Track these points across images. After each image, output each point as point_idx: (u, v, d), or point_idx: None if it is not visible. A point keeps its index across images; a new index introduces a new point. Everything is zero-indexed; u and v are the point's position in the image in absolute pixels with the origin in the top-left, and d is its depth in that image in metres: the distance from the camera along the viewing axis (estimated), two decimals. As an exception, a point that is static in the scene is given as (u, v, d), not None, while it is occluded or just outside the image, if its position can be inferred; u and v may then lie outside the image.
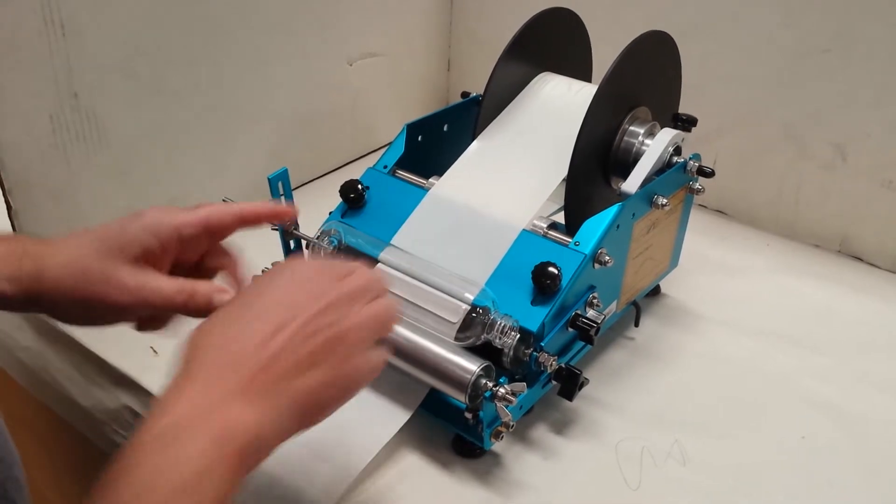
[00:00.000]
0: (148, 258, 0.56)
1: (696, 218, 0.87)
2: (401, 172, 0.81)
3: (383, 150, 0.83)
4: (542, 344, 0.66)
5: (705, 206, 1.11)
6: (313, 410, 0.49)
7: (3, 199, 0.80)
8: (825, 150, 0.98)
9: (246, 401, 0.45)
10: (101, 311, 0.55)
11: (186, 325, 0.71)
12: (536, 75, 0.84)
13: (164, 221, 0.56)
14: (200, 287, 0.56)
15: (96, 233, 0.56)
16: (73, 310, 0.55)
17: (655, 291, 0.91)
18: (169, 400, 0.44)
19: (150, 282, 0.55)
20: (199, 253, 0.60)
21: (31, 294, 0.54)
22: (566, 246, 0.69)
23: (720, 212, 1.11)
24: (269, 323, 0.48)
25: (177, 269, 0.58)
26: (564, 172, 0.74)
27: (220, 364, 0.46)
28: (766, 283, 0.96)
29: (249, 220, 0.60)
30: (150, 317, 0.59)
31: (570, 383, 0.67)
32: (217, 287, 0.56)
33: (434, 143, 0.85)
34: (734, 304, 0.91)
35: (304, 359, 0.47)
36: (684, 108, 0.85)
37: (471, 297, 0.66)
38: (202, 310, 0.55)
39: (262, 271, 0.65)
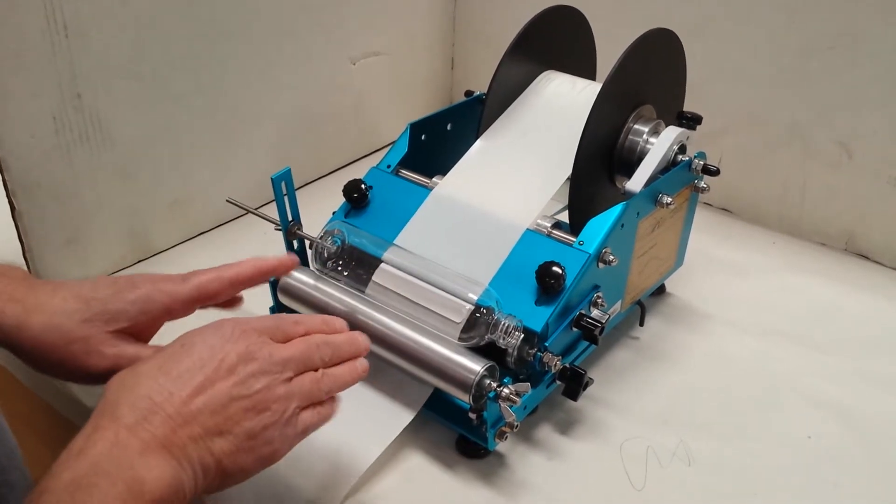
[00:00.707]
0: (133, 330, 0.57)
1: (700, 216, 0.87)
2: (404, 172, 0.80)
3: (386, 150, 0.83)
4: (547, 344, 0.66)
5: (710, 205, 1.11)
6: (230, 472, 0.48)
7: (6, 200, 0.80)
8: (831, 147, 0.98)
9: (163, 453, 0.45)
10: (76, 373, 0.56)
11: (184, 327, 0.71)
12: (540, 73, 0.84)
13: (154, 298, 0.57)
14: None
15: (84, 296, 0.56)
16: (48, 365, 0.56)
17: (660, 290, 0.90)
18: (86, 442, 0.44)
19: (128, 351, 0.56)
20: (190, 313, 0.60)
21: (9, 340, 0.55)
22: (570, 245, 0.69)
23: (725, 210, 1.11)
24: (194, 381, 0.48)
25: None
26: (568, 171, 0.74)
27: (143, 412, 0.46)
28: (772, 281, 0.96)
29: (243, 285, 0.60)
30: None
31: (575, 383, 0.67)
32: None
33: (437, 142, 0.85)
34: (739, 303, 0.90)
35: (223, 422, 0.47)
36: (689, 106, 0.85)
37: (474, 297, 0.66)
38: None
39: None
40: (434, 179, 0.78)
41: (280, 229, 0.75)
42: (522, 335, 0.64)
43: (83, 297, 0.56)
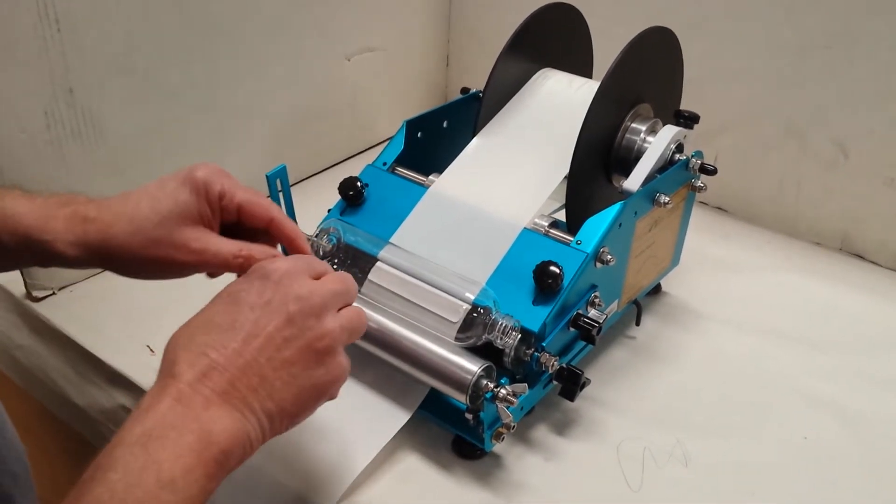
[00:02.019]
0: (202, 219, 0.58)
1: (696, 215, 0.86)
2: (400, 169, 0.80)
3: (382, 147, 0.82)
4: (544, 344, 0.65)
5: (706, 204, 1.11)
6: (288, 415, 0.49)
7: (-3, 196, 0.79)
8: (827, 147, 0.98)
9: (225, 405, 0.46)
10: (165, 270, 0.58)
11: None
12: (537, 71, 0.84)
13: (212, 191, 0.58)
14: (256, 252, 0.57)
15: (154, 195, 0.57)
16: (139, 269, 0.58)
17: (656, 290, 0.90)
18: (153, 400, 0.45)
19: (211, 245, 0.57)
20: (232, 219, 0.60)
21: (98, 257, 0.56)
22: (568, 245, 0.69)
23: (721, 209, 1.10)
24: (244, 331, 0.48)
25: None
26: (566, 170, 0.73)
27: (201, 368, 0.47)
28: (768, 281, 0.95)
29: (274, 232, 0.60)
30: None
31: (572, 384, 0.66)
32: (271, 252, 0.58)
33: (433, 139, 0.84)
34: (735, 303, 0.90)
35: (280, 366, 0.48)
36: (685, 104, 0.85)
37: (471, 297, 0.65)
38: None
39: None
40: (430, 177, 0.78)
41: (275, 227, 0.74)
42: (519, 335, 0.64)
43: (154, 196, 0.57)
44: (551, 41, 0.83)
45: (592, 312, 0.69)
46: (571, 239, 0.69)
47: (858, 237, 1.00)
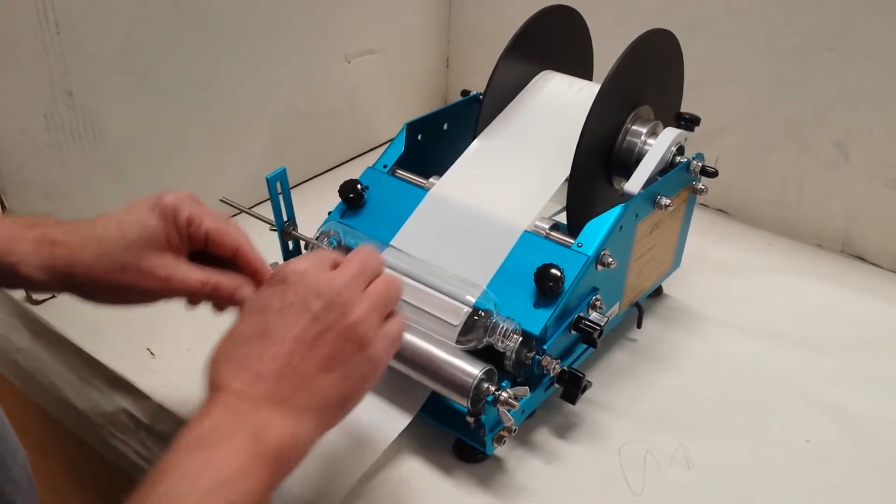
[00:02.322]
0: (170, 246, 0.57)
1: (697, 217, 0.86)
2: (401, 172, 0.80)
3: (382, 148, 0.82)
4: (545, 347, 0.65)
5: (706, 206, 1.10)
6: (336, 407, 0.51)
7: (-3, 198, 0.79)
8: (828, 148, 0.98)
9: (272, 409, 0.47)
10: (131, 296, 0.57)
11: (183, 330, 0.71)
12: (537, 73, 0.83)
13: (180, 217, 0.57)
14: (224, 281, 0.57)
15: (123, 220, 0.57)
16: (104, 294, 0.57)
17: (657, 292, 0.90)
18: (202, 412, 0.47)
19: (177, 273, 0.56)
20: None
21: (64, 281, 0.56)
22: (569, 247, 0.68)
23: (721, 211, 1.10)
24: (275, 337, 0.49)
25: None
26: (566, 172, 0.73)
27: (244, 379, 0.48)
28: (769, 283, 0.95)
29: (239, 262, 0.60)
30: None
31: (573, 387, 0.66)
32: (239, 282, 0.58)
33: (434, 142, 0.84)
34: (736, 305, 0.90)
35: (316, 364, 0.49)
36: (686, 106, 0.84)
37: (472, 300, 0.65)
38: (225, 302, 0.58)
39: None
40: (431, 180, 0.78)
41: (275, 230, 0.74)
42: (521, 338, 0.64)
43: (122, 221, 0.57)
44: (551, 43, 0.83)
45: (594, 315, 0.69)
46: (572, 241, 0.69)
47: (860, 239, 1.00)
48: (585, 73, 0.88)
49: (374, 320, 0.52)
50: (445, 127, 0.86)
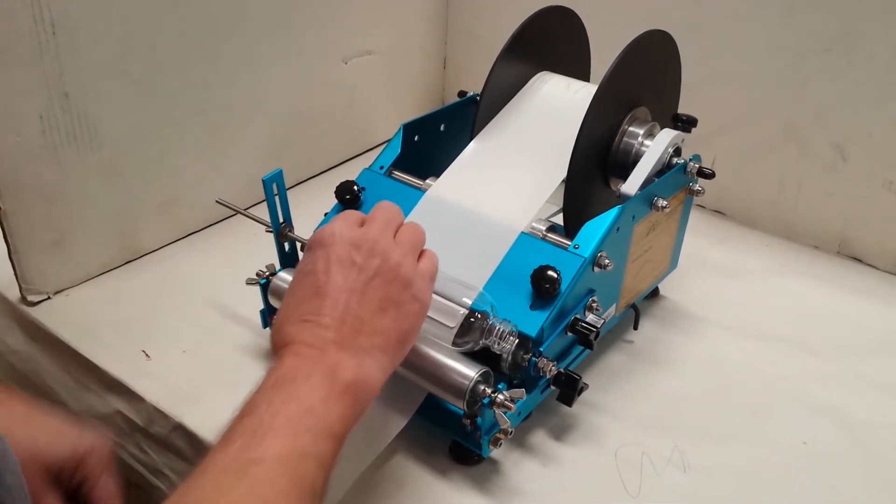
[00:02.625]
0: (60, 478, 0.57)
1: (694, 218, 0.86)
2: (397, 173, 0.79)
3: (378, 150, 0.82)
4: (541, 349, 0.65)
5: (703, 207, 1.10)
6: (397, 342, 0.55)
7: (-8, 200, 0.79)
8: (825, 150, 0.97)
9: (340, 351, 0.52)
10: None
11: (179, 332, 0.70)
12: (534, 75, 0.83)
13: (81, 469, 0.57)
14: None
15: (30, 441, 0.56)
16: None
17: (654, 293, 0.90)
18: (279, 362, 0.51)
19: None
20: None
21: None
22: (565, 249, 0.68)
23: (718, 212, 1.10)
24: (328, 290, 0.54)
25: None
26: (563, 173, 0.73)
27: (307, 333, 0.52)
28: (766, 284, 0.95)
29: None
30: None
31: (570, 388, 0.66)
32: None
33: (430, 143, 0.84)
34: (733, 306, 0.90)
35: (371, 306, 0.54)
36: (683, 107, 0.84)
37: (469, 302, 0.65)
38: None
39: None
40: (427, 181, 0.78)
41: (271, 231, 0.74)
42: (517, 340, 0.63)
43: (33, 438, 0.56)
44: (549, 44, 0.83)
45: (590, 317, 0.69)
46: (569, 243, 0.68)
47: (857, 240, 1.00)
48: (582, 74, 0.88)
49: (411, 262, 0.57)
50: (442, 128, 0.85)
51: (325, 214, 0.78)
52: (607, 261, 0.68)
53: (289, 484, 0.45)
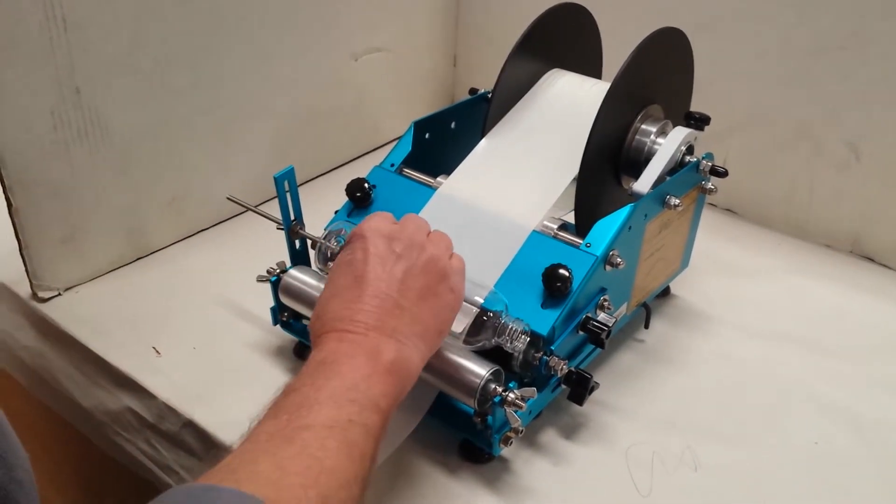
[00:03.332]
0: None
1: (705, 217, 0.86)
2: (408, 171, 0.79)
3: (388, 147, 0.82)
4: (553, 348, 0.65)
5: (715, 205, 1.10)
6: (437, 331, 0.57)
7: (3, 196, 0.79)
8: (839, 149, 0.97)
9: (383, 336, 0.53)
10: None
11: (189, 328, 0.70)
12: (546, 72, 0.83)
13: None
14: None
15: None
16: None
17: (665, 292, 0.89)
18: (321, 347, 0.53)
19: None
20: None
21: None
22: (577, 247, 0.68)
23: (730, 211, 1.09)
24: (368, 279, 0.55)
25: None
26: (575, 171, 0.73)
27: (348, 319, 0.54)
28: (778, 283, 0.95)
29: None
30: None
31: (581, 387, 0.66)
32: None
33: (441, 140, 0.84)
34: (745, 306, 0.89)
35: (413, 293, 0.56)
36: (695, 104, 0.84)
37: (480, 300, 0.65)
38: None
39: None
40: (438, 179, 0.77)
41: (282, 228, 0.74)
42: (528, 339, 0.63)
43: None
44: (561, 42, 0.82)
45: (602, 316, 0.68)
46: (581, 241, 0.68)
47: (870, 240, 0.99)
48: (594, 71, 0.88)
49: (446, 257, 0.59)
50: (453, 126, 0.85)
51: (336, 212, 0.78)
52: (619, 259, 0.68)
53: (338, 445, 0.46)
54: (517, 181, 0.76)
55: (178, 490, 0.41)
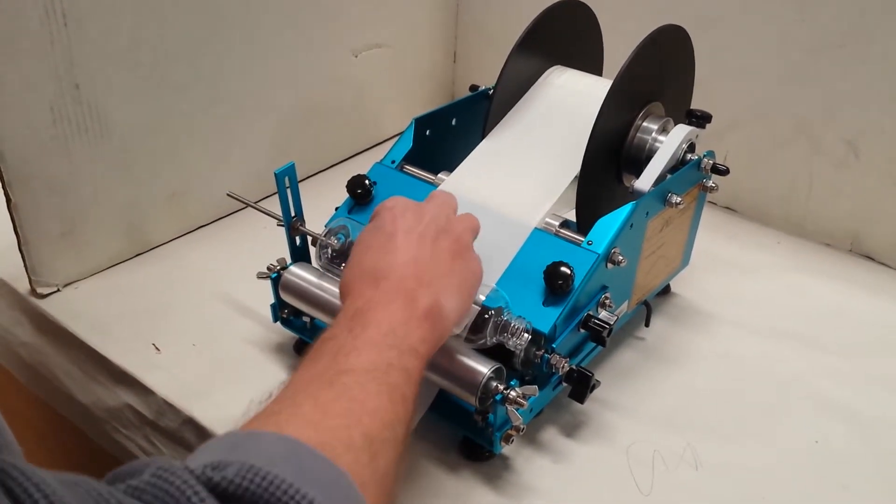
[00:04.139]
0: None
1: (705, 215, 0.85)
2: (409, 168, 0.79)
3: (388, 143, 0.81)
4: (554, 345, 0.65)
5: (714, 203, 1.10)
6: (467, 292, 0.58)
7: (2, 192, 0.79)
8: (838, 146, 0.97)
9: (418, 286, 0.54)
10: None
11: (189, 325, 0.70)
12: (548, 69, 0.83)
13: None
14: None
15: None
16: None
17: (665, 290, 0.89)
18: (354, 296, 0.53)
19: None
20: None
21: None
22: (579, 245, 0.68)
23: (730, 209, 1.09)
24: (399, 245, 0.57)
25: None
26: (577, 169, 0.73)
27: (384, 273, 0.55)
28: (777, 281, 0.95)
29: None
30: None
31: (582, 385, 0.66)
32: None
33: (442, 137, 0.83)
34: (744, 304, 0.89)
35: (443, 253, 0.57)
36: (695, 102, 0.84)
37: (482, 298, 0.64)
38: None
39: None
40: (440, 175, 0.77)
41: (282, 225, 0.74)
42: (530, 336, 0.63)
43: None
44: (562, 38, 0.82)
45: (603, 314, 0.68)
46: (582, 239, 0.68)
47: (868, 238, 0.99)
48: (595, 68, 0.88)
49: (470, 238, 0.61)
50: (454, 122, 0.85)
51: (336, 209, 0.78)
52: (621, 257, 0.68)
53: (378, 388, 0.46)
54: (519, 179, 0.75)
55: (221, 438, 0.41)
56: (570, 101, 0.80)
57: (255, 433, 0.41)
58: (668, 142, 0.74)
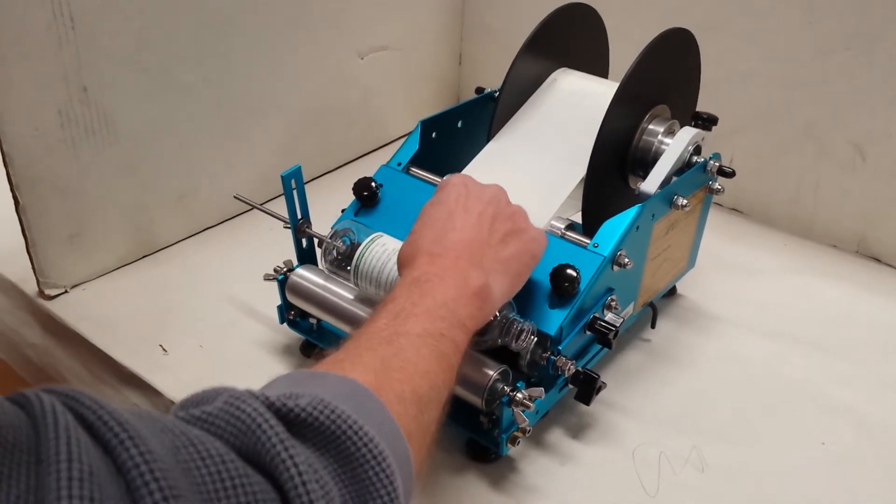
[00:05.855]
0: None
1: (711, 217, 0.86)
2: (415, 170, 0.79)
3: (394, 145, 0.82)
4: (560, 348, 0.65)
5: (720, 205, 1.10)
6: (518, 273, 0.61)
7: (10, 194, 0.79)
8: (845, 149, 0.97)
9: (470, 266, 0.57)
10: None
11: (196, 326, 0.70)
12: (553, 71, 0.83)
13: None
14: None
15: None
16: None
17: (671, 292, 0.89)
18: (413, 267, 0.57)
19: None
20: None
21: None
22: (584, 247, 0.68)
23: (736, 210, 1.09)
24: (458, 219, 0.60)
25: None
26: (582, 171, 0.73)
27: (441, 245, 0.58)
28: (783, 284, 0.94)
29: None
30: None
31: (588, 387, 0.66)
32: None
33: (448, 139, 0.83)
34: (751, 306, 0.89)
35: (499, 235, 0.60)
36: (701, 105, 0.84)
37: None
38: None
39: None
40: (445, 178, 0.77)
41: (289, 227, 0.74)
42: (536, 338, 0.63)
43: None
44: (568, 41, 0.82)
45: (609, 316, 0.68)
46: (588, 242, 0.68)
47: (875, 240, 0.99)
48: (601, 70, 0.88)
49: (524, 219, 0.64)
50: (460, 124, 0.85)
51: (342, 211, 0.78)
52: (627, 260, 0.68)
53: (430, 353, 0.50)
54: (525, 181, 0.75)
55: (288, 375, 0.44)
56: (576, 103, 0.80)
57: (321, 373, 0.44)
58: (675, 144, 0.74)
